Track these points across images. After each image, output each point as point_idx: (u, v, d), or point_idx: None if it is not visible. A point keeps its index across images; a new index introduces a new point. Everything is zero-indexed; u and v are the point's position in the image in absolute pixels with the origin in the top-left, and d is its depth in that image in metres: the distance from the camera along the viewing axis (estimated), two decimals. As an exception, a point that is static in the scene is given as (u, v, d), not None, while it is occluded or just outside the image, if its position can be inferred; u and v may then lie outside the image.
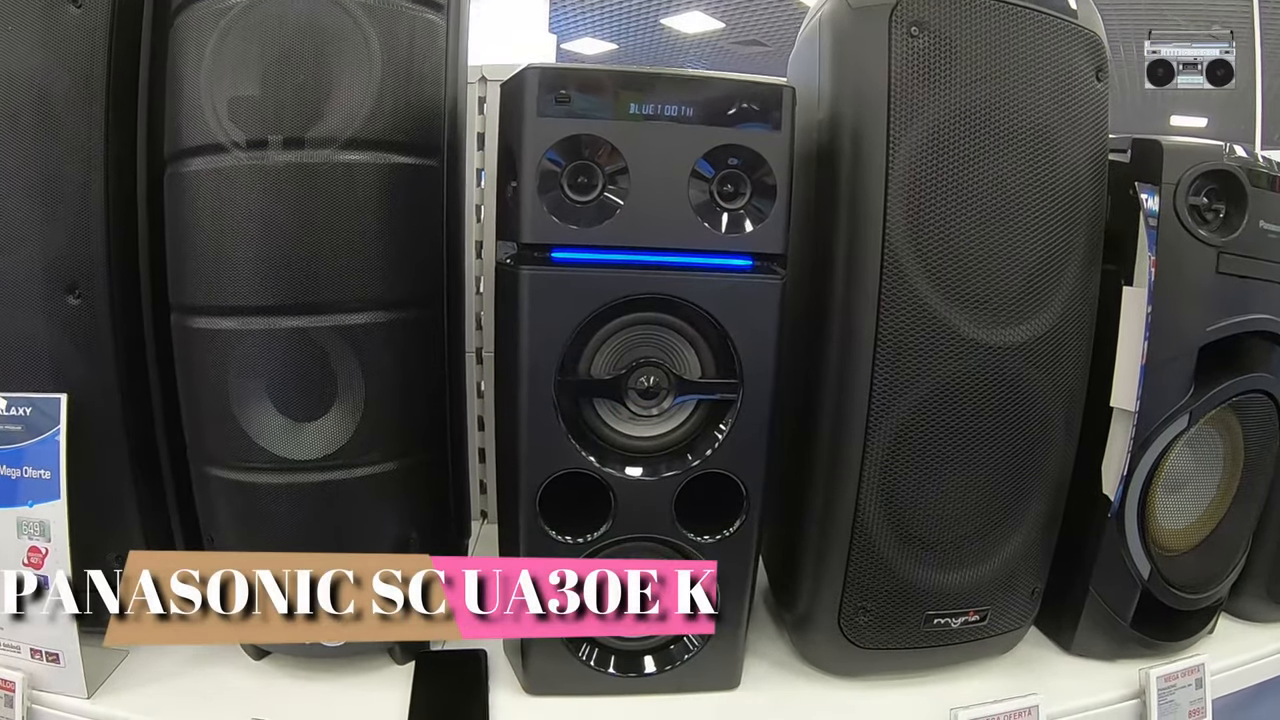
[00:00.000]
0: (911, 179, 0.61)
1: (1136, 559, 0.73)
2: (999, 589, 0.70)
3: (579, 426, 0.62)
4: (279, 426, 0.65)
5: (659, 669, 0.69)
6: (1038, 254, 0.65)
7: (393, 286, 0.65)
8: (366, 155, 0.62)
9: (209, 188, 0.62)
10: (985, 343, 0.64)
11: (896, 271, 0.62)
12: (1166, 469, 0.72)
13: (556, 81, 0.56)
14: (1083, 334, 0.69)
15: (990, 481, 0.67)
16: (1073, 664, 0.76)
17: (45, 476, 0.66)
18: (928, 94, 0.61)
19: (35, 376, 0.67)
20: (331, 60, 0.61)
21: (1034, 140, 0.64)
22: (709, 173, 0.58)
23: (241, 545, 0.68)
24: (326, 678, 0.72)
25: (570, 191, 0.58)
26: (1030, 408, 0.67)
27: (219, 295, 0.63)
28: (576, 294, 0.59)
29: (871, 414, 0.64)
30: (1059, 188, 0.65)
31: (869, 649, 0.69)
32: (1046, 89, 0.64)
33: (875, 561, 0.67)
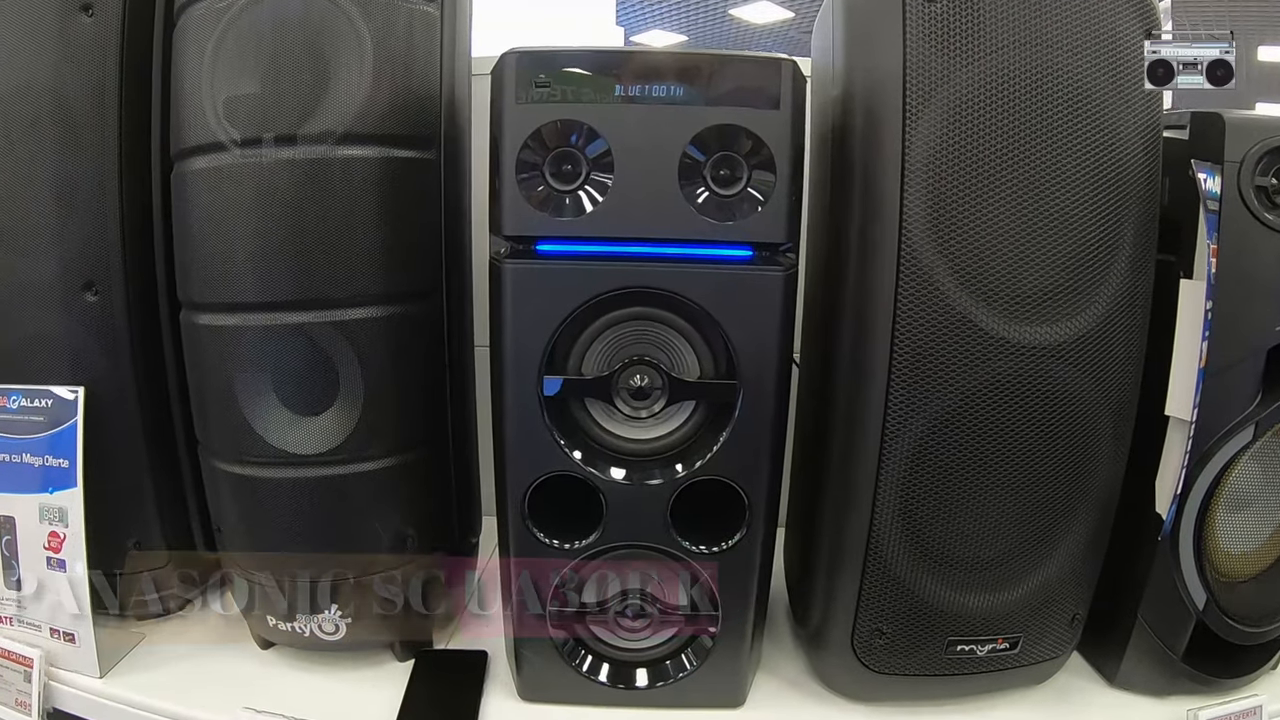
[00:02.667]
0: (931, 160, 0.52)
1: (1191, 586, 0.62)
2: (1033, 614, 0.60)
3: (569, 427, 0.56)
4: (281, 422, 0.61)
5: (655, 683, 0.61)
6: (1080, 242, 0.54)
7: (391, 281, 0.61)
8: (362, 149, 0.58)
9: (210, 186, 0.59)
10: (1019, 343, 0.54)
11: (915, 264, 0.53)
12: (1228, 487, 0.60)
13: (536, 65, 0.50)
14: (1133, 333, 0.57)
15: (1025, 499, 0.57)
16: (1115, 698, 0.65)
17: (64, 465, 0.66)
18: (949, 64, 0.52)
19: (56, 371, 0.66)
20: (325, 55, 0.57)
21: (1074, 112, 0.53)
22: (700, 157, 0.51)
23: (246, 538, 0.65)
24: (328, 670, 0.68)
25: (553, 181, 0.51)
26: (1072, 417, 0.56)
27: (221, 292, 0.60)
28: (560, 288, 0.52)
29: (889, 422, 0.55)
30: (1105, 166, 0.54)
31: (886, 674, 0.60)
32: (1088, 54, 0.54)
33: (891, 582, 0.58)
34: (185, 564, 0.74)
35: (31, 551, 0.66)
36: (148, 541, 0.71)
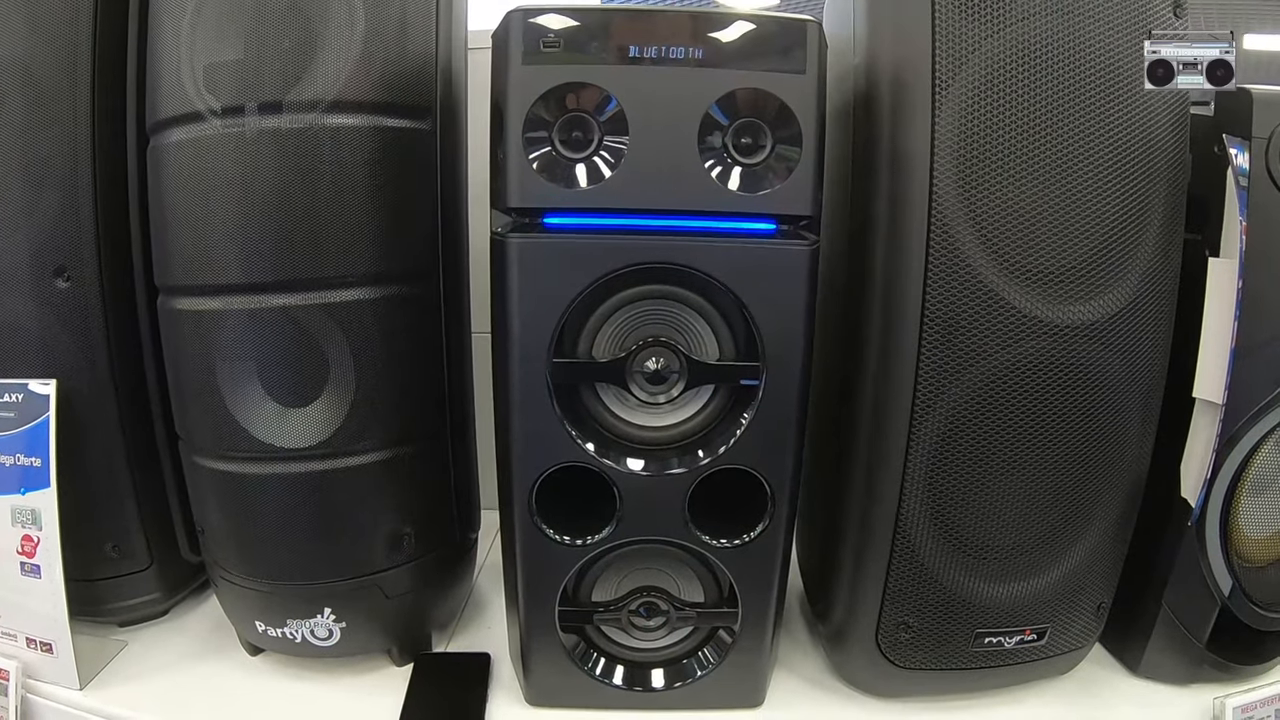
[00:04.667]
0: (962, 131, 0.47)
1: (1217, 572, 0.58)
2: (1061, 604, 0.56)
3: (579, 415, 0.50)
4: (267, 413, 0.55)
5: (672, 684, 0.56)
6: (1111, 218, 0.50)
7: (383, 260, 0.55)
8: (352, 118, 0.52)
9: (188, 159, 0.53)
10: (1050, 322, 0.50)
11: (946, 239, 0.48)
12: (1254, 470, 0.56)
13: (544, 24, 0.44)
14: (1162, 313, 0.53)
15: (1054, 482, 0.52)
16: (1140, 688, 0.61)
17: (37, 464, 0.59)
18: (980, 30, 0.47)
19: (26, 363, 0.59)
20: (312, 18, 0.51)
21: (1105, 84, 0.49)
22: (723, 122, 0.45)
23: (230, 539, 0.59)
24: (321, 677, 0.62)
25: (562, 148, 0.46)
26: (1101, 398, 0.52)
27: (201, 274, 0.54)
28: (571, 264, 0.46)
29: (917, 404, 0.50)
30: (1135, 140, 0.50)
31: (911, 669, 0.56)
32: (1118, 24, 0.49)
33: (919, 572, 0.53)
34: (167, 567, 0.67)
35: (4, 557, 0.59)
36: (127, 544, 0.64)
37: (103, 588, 0.65)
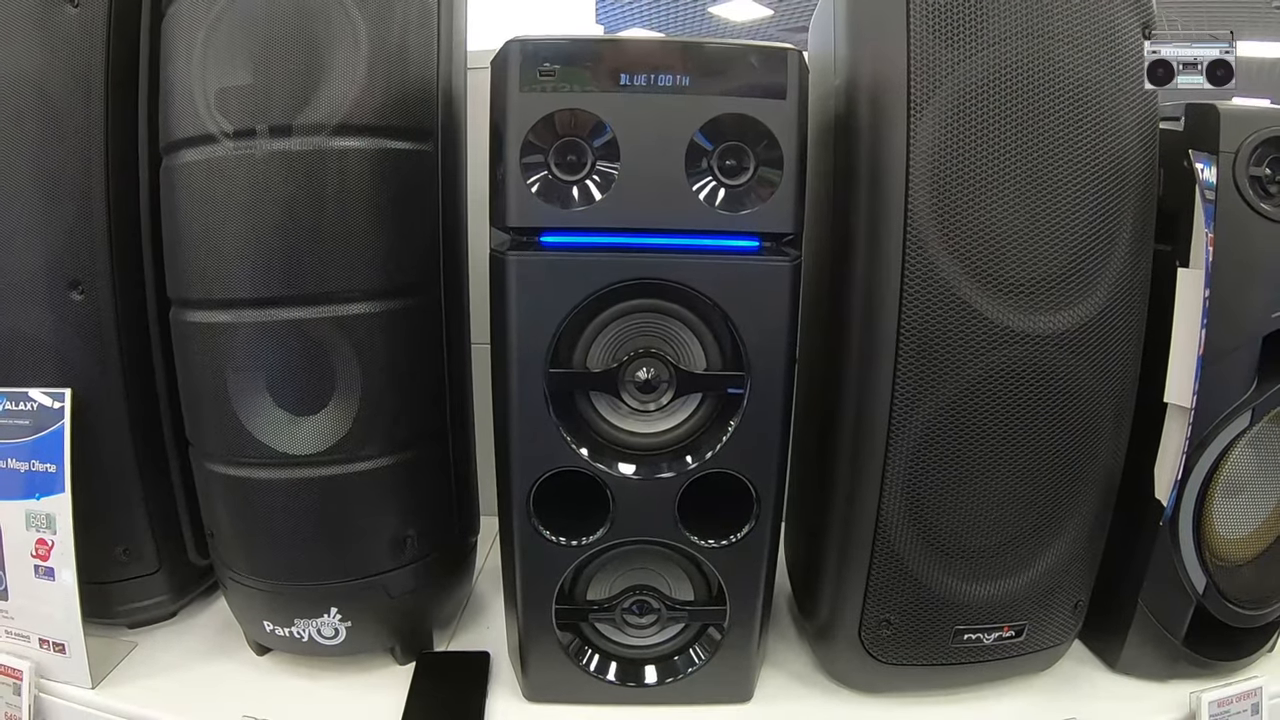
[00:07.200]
0: (937, 150, 0.51)
1: (1191, 570, 0.61)
2: (1037, 602, 0.59)
3: (574, 422, 0.54)
4: (275, 421, 0.59)
5: (664, 680, 0.60)
6: (1081, 232, 0.54)
7: (388, 275, 0.58)
8: (358, 141, 0.56)
9: (200, 179, 0.56)
10: (1022, 332, 0.53)
11: (921, 253, 0.52)
12: (1225, 472, 0.60)
13: (540, 53, 0.48)
14: (1132, 322, 0.57)
15: (1029, 485, 0.56)
16: (1118, 683, 0.65)
17: (51, 470, 0.62)
18: (953, 54, 0.51)
19: (41, 372, 0.63)
20: (319, 44, 0.55)
21: (1074, 104, 0.53)
22: (708, 146, 0.49)
23: (239, 542, 0.62)
24: (327, 675, 0.65)
25: (558, 171, 0.49)
26: (1074, 404, 0.55)
27: (213, 288, 0.57)
28: (566, 280, 0.50)
29: (895, 411, 0.54)
30: (1104, 157, 0.54)
31: (893, 665, 0.59)
32: (1088, 47, 0.53)
33: (899, 571, 0.57)
34: (176, 570, 0.71)
35: (18, 559, 0.62)
36: (138, 547, 0.68)
37: (113, 590, 0.68)
